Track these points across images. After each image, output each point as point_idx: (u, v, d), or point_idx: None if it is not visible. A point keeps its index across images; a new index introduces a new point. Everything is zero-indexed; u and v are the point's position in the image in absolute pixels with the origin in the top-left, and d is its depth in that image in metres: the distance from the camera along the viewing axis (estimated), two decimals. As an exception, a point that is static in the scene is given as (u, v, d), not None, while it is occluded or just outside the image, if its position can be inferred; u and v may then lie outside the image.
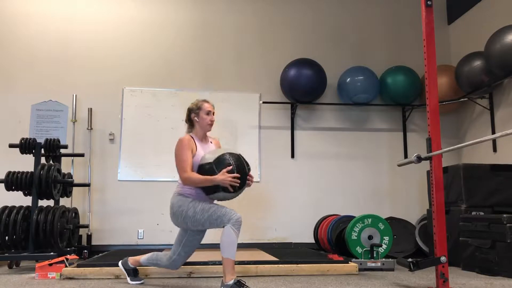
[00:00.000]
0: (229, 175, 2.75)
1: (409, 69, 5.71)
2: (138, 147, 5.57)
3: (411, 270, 2.79)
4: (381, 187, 5.87)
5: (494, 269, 3.57)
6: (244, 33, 6.01)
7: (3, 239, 4.00)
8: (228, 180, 2.74)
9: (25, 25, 5.69)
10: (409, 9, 6.23)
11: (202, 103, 3.06)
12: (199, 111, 3.04)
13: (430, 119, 2.87)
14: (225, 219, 2.72)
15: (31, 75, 5.60)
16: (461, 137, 5.98)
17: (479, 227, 3.78)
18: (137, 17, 5.89)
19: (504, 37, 4.54)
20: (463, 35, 5.96)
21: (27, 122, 5.33)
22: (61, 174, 4.54)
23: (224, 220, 2.72)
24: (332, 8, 6.20)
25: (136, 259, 3.20)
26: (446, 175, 4.47)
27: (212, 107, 3.09)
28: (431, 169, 2.86)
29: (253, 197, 5.61)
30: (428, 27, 2.95)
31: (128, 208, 5.46)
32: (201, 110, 3.04)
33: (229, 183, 2.75)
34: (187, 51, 5.90)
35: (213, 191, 2.82)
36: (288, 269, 3.57)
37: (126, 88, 5.70)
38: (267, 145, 5.80)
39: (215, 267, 3.52)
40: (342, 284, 3.11)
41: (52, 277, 3.43)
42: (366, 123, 6.02)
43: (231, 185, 2.76)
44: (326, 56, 5.97)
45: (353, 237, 4.04)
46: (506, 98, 5.12)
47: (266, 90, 5.89)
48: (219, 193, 2.82)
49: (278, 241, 5.61)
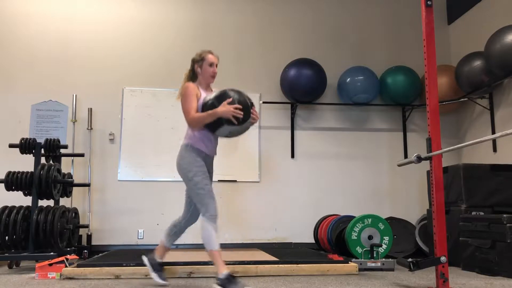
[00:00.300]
0: (230, 106, 2.75)
1: (409, 69, 5.71)
2: (138, 147, 5.58)
3: (411, 270, 2.79)
4: (381, 187, 5.87)
5: (494, 269, 3.57)
6: (244, 33, 6.01)
7: (3, 239, 4.00)
8: (230, 110, 2.74)
9: (25, 25, 5.69)
10: (409, 9, 6.23)
11: (206, 54, 3.02)
12: (203, 62, 3.01)
13: (430, 119, 2.87)
14: (203, 208, 2.77)
15: (31, 75, 5.61)
16: (461, 137, 5.98)
17: (479, 227, 3.78)
18: (137, 17, 5.89)
19: (504, 37, 4.54)
20: (463, 35, 5.96)
21: (27, 122, 5.33)
22: (61, 174, 4.54)
23: (202, 208, 2.78)
24: (332, 8, 6.20)
25: (160, 247, 3.16)
26: (446, 175, 4.47)
27: (216, 58, 3.06)
28: (431, 169, 2.86)
29: (253, 197, 5.62)
30: (428, 27, 2.95)
31: (128, 208, 5.47)
32: (204, 61, 3.01)
33: (231, 114, 2.74)
34: (187, 51, 5.86)
35: (218, 126, 2.82)
36: (288, 269, 3.57)
37: (126, 88, 5.70)
38: (267, 145, 5.80)
39: (215, 267, 3.51)
40: (342, 284, 3.11)
41: (52, 277, 3.43)
42: (366, 123, 6.02)
43: (234, 116, 2.74)
44: (326, 56, 5.97)
45: (353, 237, 4.04)
46: (506, 98, 5.12)
47: (266, 90, 5.89)
48: (223, 127, 2.81)
49: (278, 241, 5.61)
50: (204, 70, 3.01)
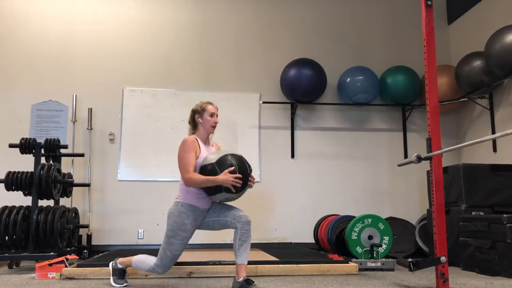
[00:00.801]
0: (231, 175, 2.76)
1: (409, 69, 5.71)
2: (138, 147, 5.57)
3: (411, 270, 2.79)
4: (381, 187, 5.86)
5: (494, 269, 3.57)
6: (244, 33, 6.01)
7: (3, 239, 4.00)
8: (230, 180, 2.75)
9: (25, 25, 5.69)
10: (409, 9, 6.23)
11: (206, 105, 3.08)
12: (203, 113, 3.05)
13: (430, 119, 2.87)
14: (159, 259, 2.92)
15: (31, 75, 5.60)
16: (461, 137, 5.98)
17: (479, 227, 3.78)
18: (137, 17, 5.89)
19: (504, 37, 4.54)
20: (463, 35, 5.96)
21: (27, 122, 5.33)
22: (61, 174, 4.54)
23: (158, 257, 2.93)
24: (332, 8, 6.20)
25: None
26: (446, 175, 4.47)
27: (216, 109, 3.11)
28: (431, 169, 2.86)
29: (253, 197, 5.61)
30: (428, 27, 2.95)
31: (128, 208, 5.46)
32: (205, 111, 3.05)
33: (231, 183, 2.75)
34: (187, 51, 5.90)
35: (215, 192, 2.82)
36: (288, 269, 3.57)
37: (126, 88, 5.70)
38: (267, 145, 5.80)
39: (215, 267, 3.52)
40: (342, 284, 3.11)
41: (52, 277, 3.43)
42: (366, 123, 6.02)
43: (233, 185, 2.76)
44: (326, 56, 5.97)
45: (353, 237, 4.04)
46: (506, 98, 5.12)
47: (266, 90, 5.89)
48: (220, 194, 2.82)
49: (278, 241, 5.61)
50: (205, 121, 3.05)
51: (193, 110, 3.11)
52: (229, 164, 2.80)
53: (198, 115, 3.07)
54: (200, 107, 3.08)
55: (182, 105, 5.64)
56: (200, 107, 3.08)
